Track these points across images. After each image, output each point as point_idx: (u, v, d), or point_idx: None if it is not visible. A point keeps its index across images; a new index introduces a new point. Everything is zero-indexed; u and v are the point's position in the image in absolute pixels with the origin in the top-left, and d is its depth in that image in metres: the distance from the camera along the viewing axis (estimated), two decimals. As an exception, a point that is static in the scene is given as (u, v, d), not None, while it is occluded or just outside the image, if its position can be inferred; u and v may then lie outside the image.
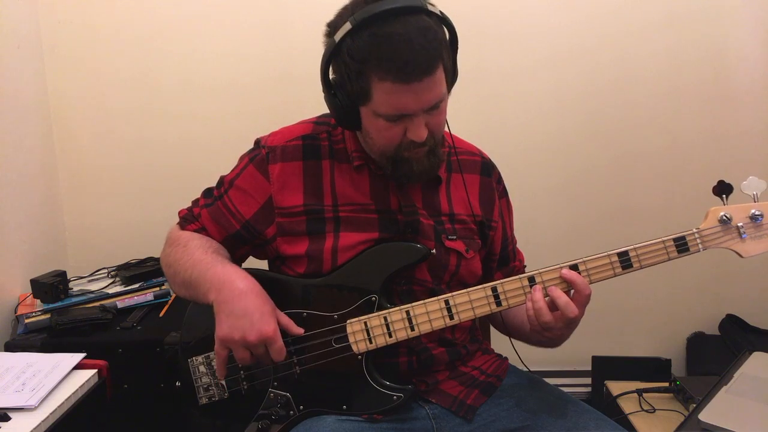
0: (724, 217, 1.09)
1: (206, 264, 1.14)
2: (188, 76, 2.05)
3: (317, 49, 1.12)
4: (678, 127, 2.09)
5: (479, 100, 2.05)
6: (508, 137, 2.08)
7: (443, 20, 1.07)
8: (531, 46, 2.05)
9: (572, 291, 1.07)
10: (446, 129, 1.18)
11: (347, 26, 1.03)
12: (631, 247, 1.09)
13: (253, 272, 1.16)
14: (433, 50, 1.02)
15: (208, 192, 1.28)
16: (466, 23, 1.08)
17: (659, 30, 2.04)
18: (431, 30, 1.03)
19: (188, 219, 1.27)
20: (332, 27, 1.09)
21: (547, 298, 1.08)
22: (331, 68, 1.09)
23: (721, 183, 1.10)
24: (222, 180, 1.26)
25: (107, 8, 2.01)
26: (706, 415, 1.28)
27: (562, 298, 1.05)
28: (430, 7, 1.05)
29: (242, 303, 1.07)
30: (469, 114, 2.02)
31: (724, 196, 1.10)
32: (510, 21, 2.04)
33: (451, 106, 1.14)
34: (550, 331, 1.08)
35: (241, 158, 1.25)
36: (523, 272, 1.32)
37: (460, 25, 1.10)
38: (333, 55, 1.07)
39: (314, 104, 1.25)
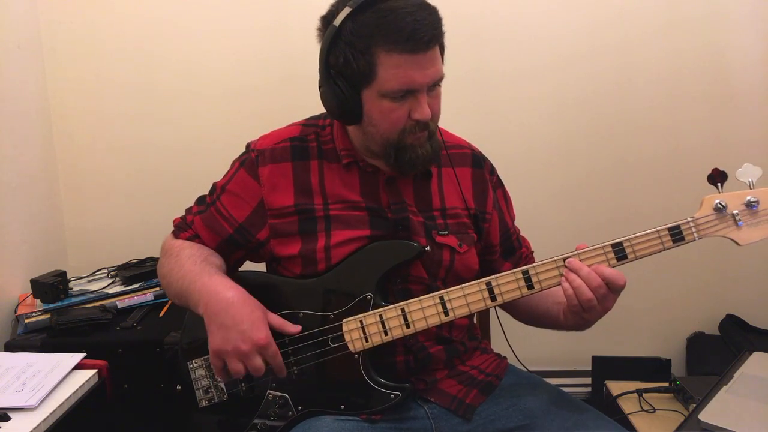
0: (719, 205, 1.07)
1: (194, 275, 1.14)
2: (188, 78, 2.05)
3: (316, 52, 1.12)
4: (680, 131, 2.09)
5: (481, 103, 2.05)
6: (511, 141, 2.08)
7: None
8: (533, 50, 2.05)
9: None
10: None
11: (346, 10, 1.05)
12: (626, 237, 1.08)
13: (247, 275, 1.16)
14: (435, 22, 1.06)
15: (201, 199, 1.29)
16: (469, 27, 1.09)
17: (660, 34, 2.03)
18: (430, 6, 1.07)
19: (182, 227, 1.28)
20: (327, 18, 1.10)
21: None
22: (330, 56, 1.09)
23: (715, 171, 1.09)
24: (214, 186, 1.27)
25: (108, 10, 2.01)
26: (706, 415, 1.28)
27: (607, 269, 1.04)
28: None
29: (230, 314, 1.07)
30: (471, 117, 2.02)
31: (718, 183, 1.09)
32: (512, 25, 2.04)
33: (454, 109, 1.14)
34: (590, 312, 1.06)
35: (233, 163, 1.26)
36: (531, 258, 1.34)
37: (462, 30, 1.10)
38: (334, 40, 1.07)
39: (314, 106, 1.25)
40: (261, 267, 1.31)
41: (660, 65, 2.05)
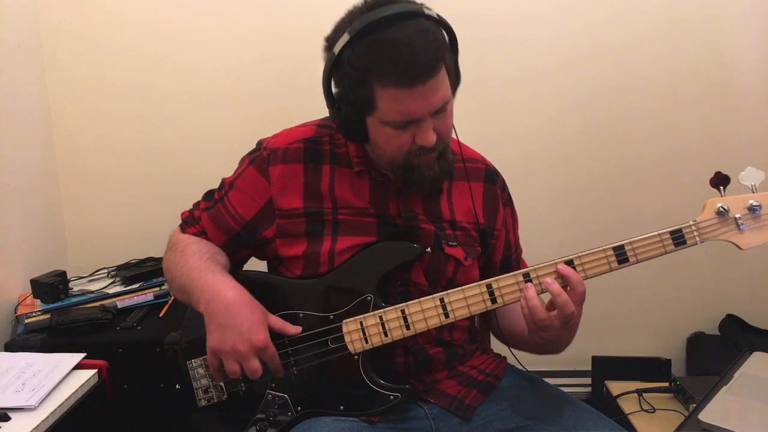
0: (722, 209, 1.07)
1: (198, 271, 1.14)
2: (188, 78, 2.05)
3: (318, 53, 1.11)
4: (680, 131, 2.09)
5: (481, 105, 2.05)
6: (510, 142, 2.08)
7: (441, 23, 1.06)
8: (533, 51, 2.05)
9: (567, 288, 1.06)
10: (454, 136, 1.17)
11: (345, 37, 1.02)
12: (627, 240, 1.08)
13: (249, 274, 1.16)
14: (434, 51, 1.02)
15: (209, 195, 1.28)
16: (468, 29, 1.09)
17: (660, 35, 2.03)
18: (430, 32, 1.02)
19: (189, 222, 1.28)
20: (330, 41, 1.08)
21: (542, 295, 1.07)
22: (333, 81, 1.08)
23: (718, 174, 1.08)
24: (223, 182, 1.26)
25: (108, 10, 2.01)
26: (706, 415, 1.28)
27: (561, 296, 1.03)
28: (426, 11, 1.04)
29: (231, 314, 1.07)
30: (471, 119, 2.00)
31: (721, 187, 1.08)
32: (512, 26, 2.04)
33: (454, 110, 1.13)
34: (547, 331, 1.06)
35: (242, 160, 1.25)
36: None
37: (461, 31, 1.09)
38: (334, 68, 1.06)
39: (315, 108, 1.25)
40: (263, 266, 1.31)
41: (660, 65, 2.05)
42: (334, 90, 1.09)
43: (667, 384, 1.74)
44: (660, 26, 2.03)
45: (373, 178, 1.19)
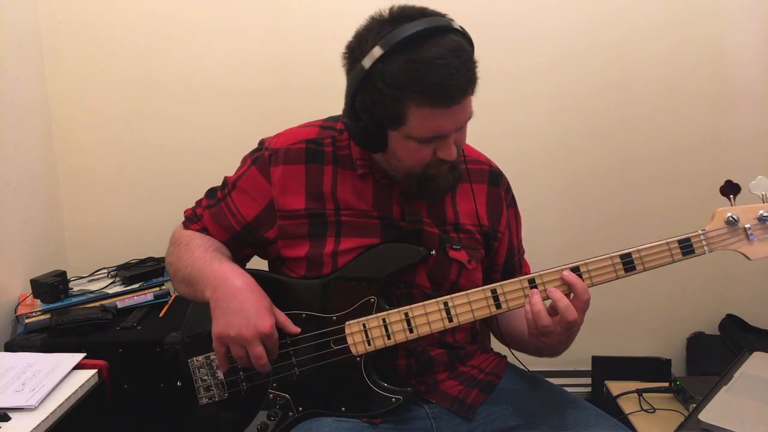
0: (731, 218, 1.06)
1: (204, 261, 1.14)
2: (188, 78, 2.04)
3: (318, 54, 1.11)
4: (680, 129, 2.09)
5: (481, 103, 2.02)
6: (510, 140, 2.08)
7: (464, 36, 1.06)
8: (532, 49, 2.05)
9: (571, 295, 1.06)
10: None
11: (377, 51, 1.00)
12: (634, 249, 1.07)
13: (253, 273, 1.16)
14: (468, 71, 1.02)
15: (211, 192, 1.28)
16: (468, 26, 1.08)
17: (660, 32, 2.03)
18: (464, 50, 1.02)
19: (191, 219, 1.28)
20: (355, 50, 1.05)
21: (546, 302, 1.07)
22: (358, 95, 1.06)
23: (728, 183, 1.07)
24: (226, 181, 1.26)
25: (108, 10, 2.01)
26: (706, 415, 1.29)
27: (562, 301, 1.03)
28: (454, 25, 1.04)
29: (238, 300, 1.07)
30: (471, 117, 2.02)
31: (731, 196, 1.07)
32: (511, 24, 2.04)
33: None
34: (548, 336, 1.06)
35: (244, 159, 1.25)
36: None
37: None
38: (363, 82, 1.03)
39: (314, 108, 1.25)
40: (263, 264, 1.31)
41: (660, 63, 2.05)
42: (358, 103, 1.07)
43: (667, 384, 1.75)
44: (660, 23, 2.03)
45: (377, 180, 1.19)
